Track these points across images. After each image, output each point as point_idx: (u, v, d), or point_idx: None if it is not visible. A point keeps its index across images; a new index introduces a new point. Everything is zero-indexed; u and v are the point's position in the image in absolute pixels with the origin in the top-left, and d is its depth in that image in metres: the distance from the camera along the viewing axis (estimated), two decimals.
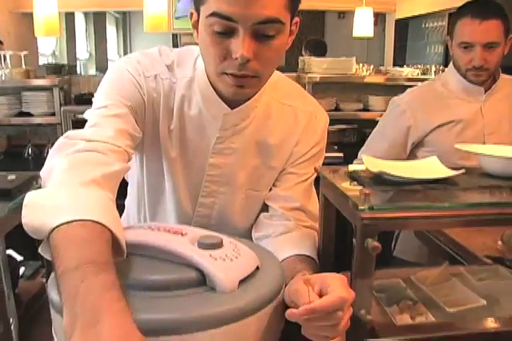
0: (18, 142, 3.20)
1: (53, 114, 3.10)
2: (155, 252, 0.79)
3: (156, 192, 1.10)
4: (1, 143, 3.14)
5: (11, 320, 0.76)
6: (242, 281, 0.77)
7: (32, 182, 0.86)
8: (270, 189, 1.10)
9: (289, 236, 1.03)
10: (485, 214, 0.78)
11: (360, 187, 0.79)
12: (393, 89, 3.10)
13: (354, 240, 0.77)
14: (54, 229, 0.68)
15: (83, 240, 0.66)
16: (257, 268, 0.82)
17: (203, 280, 0.76)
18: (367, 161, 0.92)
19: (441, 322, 0.89)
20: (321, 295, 0.71)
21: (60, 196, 0.73)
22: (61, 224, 0.68)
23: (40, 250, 0.75)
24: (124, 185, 1.15)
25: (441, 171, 0.91)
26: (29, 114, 3.12)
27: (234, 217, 1.09)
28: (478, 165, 1.00)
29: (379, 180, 0.87)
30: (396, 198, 0.79)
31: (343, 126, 3.37)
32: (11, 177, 0.88)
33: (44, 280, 1.01)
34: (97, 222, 0.69)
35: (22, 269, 1.08)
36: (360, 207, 0.74)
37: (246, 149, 1.02)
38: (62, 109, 3.08)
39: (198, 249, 0.78)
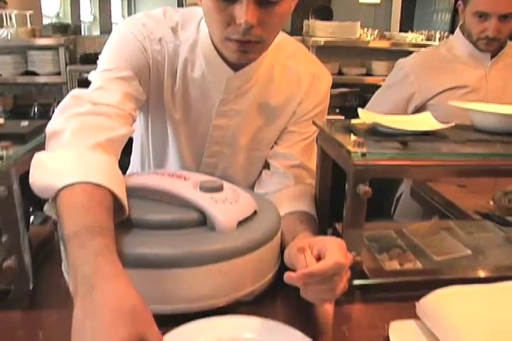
0: (24, 102, 3.22)
1: (59, 74, 3.12)
2: (159, 195, 0.85)
3: (160, 154, 1.14)
4: (7, 103, 3.16)
5: (26, 258, 0.80)
6: (240, 223, 0.82)
7: (43, 129, 0.91)
8: (272, 147, 1.13)
9: (288, 192, 1.06)
10: (471, 164, 0.83)
11: (355, 137, 0.83)
12: (397, 54, 3.07)
13: (347, 186, 0.82)
14: (59, 191, 0.72)
15: (83, 207, 0.69)
16: (255, 212, 0.87)
17: (203, 221, 0.81)
18: (362, 114, 0.96)
19: (427, 268, 0.94)
20: (319, 259, 0.73)
21: (65, 159, 0.76)
22: (65, 186, 0.72)
23: (45, 209, 0.79)
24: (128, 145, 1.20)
25: (433, 125, 0.95)
26: (35, 74, 3.14)
27: (236, 176, 1.12)
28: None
29: (373, 131, 0.92)
30: (388, 147, 0.83)
31: (346, 90, 3.38)
32: (24, 123, 0.92)
33: (53, 226, 1.06)
34: (99, 185, 0.73)
35: (31, 218, 1.13)
36: (353, 154, 0.79)
37: (249, 111, 1.04)
38: (67, 68, 3.09)
39: (200, 192, 0.83)
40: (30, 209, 1.18)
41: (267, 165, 1.14)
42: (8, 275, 0.81)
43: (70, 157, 0.77)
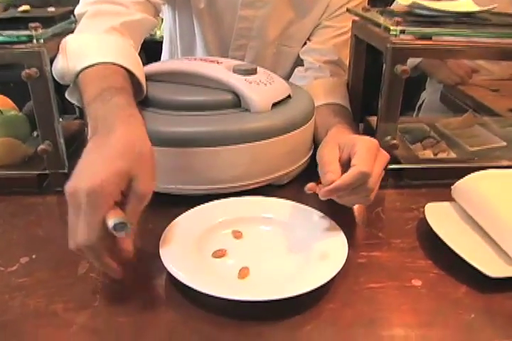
0: None
1: None
2: (191, 78, 0.84)
3: (188, 47, 1.13)
4: None
5: (60, 142, 0.82)
6: (274, 105, 0.82)
7: (70, 15, 0.90)
8: (305, 43, 1.09)
9: (323, 82, 1.03)
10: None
11: (393, 18, 0.81)
12: None
13: (384, 67, 0.81)
14: (79, 73, 0.72)
15: (104, 76, 0.70)
16: (289, 96, 0.86)
17: (237, 103, 0.81)
18: None
19: (462, 158, 0.95)
20: (349, 162, 0.69)
21: (83, 42, 0.77)
22: (85, 68, 0.72)
23: (66, 94, 0.80)
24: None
25: (474, 7, 0.92)
26: None
27: None
28: None
29: (412, 13, 0.89)
30: (426, 26, 0.81)
31: None
32: (51, 9, 0.91)
33: (83, 122, 1.07)
34: (118, 65, 0.73)
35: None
36: (391, 31, 0.77)
37: (278, 2, 1.00)
38: None
39: (234, 74, 0.82)
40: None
41: (300, 64, 1.10)
42: (43, 159, 0.82)
43: (87, 41, 0.77)
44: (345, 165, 0.68)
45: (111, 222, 0.53)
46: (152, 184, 0.59)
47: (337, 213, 0.72)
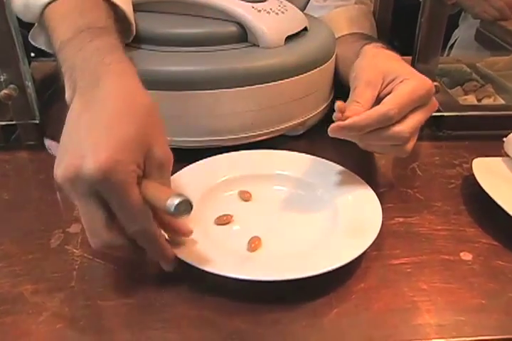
0: None
1: None
2: (188, 7, 0.75)
3: None
4: None
5: (28, 85, 0.73)
6: (288, 39, 0.73)
7: None
8: None
9: (346, 10, 0.93)
10: None
11: None
12: None
13: None
14: (45, 6, 0.61)
15: (78, 11, 0.58)
16: (305, 29, 0.77)
17: (243, 36, 0.72)
18: None
19: (511, 104, 0.86)
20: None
21: None
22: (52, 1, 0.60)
23: (30, 37, 0.70)
24: None
25: None
26: None
27: None
28: None
29: None
30: None
31: None
32: None
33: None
34: None
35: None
36: None
37: None
38: None
39: (238, 0, 0.73)
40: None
41: None
42: (10, 107, 0.74)
43: None
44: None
45: (170, 203, 0.44)
46: (169, 151, 0.49)
47: (364, 169, 0.65)
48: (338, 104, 0.56)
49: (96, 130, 0.45)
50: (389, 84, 0.61)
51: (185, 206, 0.44)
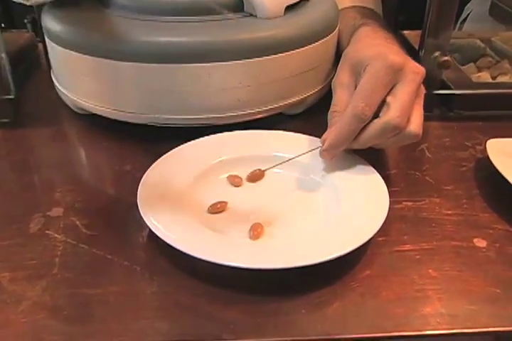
0: None
1: None
2: None
3: None
4: None
5: (1, 57, 0.73)
6: (288, 9, 0.73)
7: None
8: None
9: None
10: None
11: None
12: None
13: None
14: None
15: None
16: None
17: (239, 5, 0.72)
18: None
19: None
20: None
21: None
22: None
23: None
24: None
25: None
26: None
27: None
28: None
29: None
30: None
31: None
32: None
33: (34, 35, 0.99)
34: None
35: None
36: None
37: None
38: None
39: None
40: None
41: None
42: None
43: None
44: None
45: None
46: None
47: (368, 150, 0.64)
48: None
49: None
50: (358, 73, 0.63)
51: None
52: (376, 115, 0.60)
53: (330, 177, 0.63)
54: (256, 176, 0.63)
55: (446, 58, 0.75)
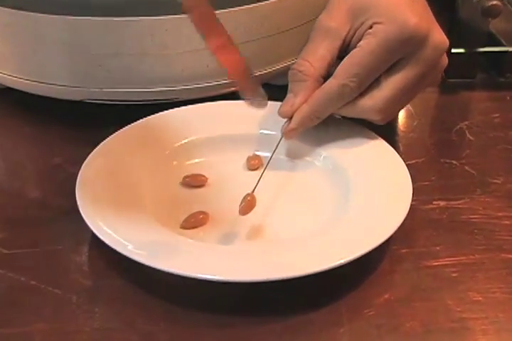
0: None
1: None
2: None
3: None
4: None
5: None
6: None
7: None
8: None
9: None
10: None
11: None
12: None
13: None
14: None
15: None
16: None
17: None
18: None
19: None
20: None
21: None
22: None
23: None
24: None
25: None
26: None
27: None
28: None
29: None
30: None
31: None
32: None
33: None
34: None
35: None
36: None
37: None
38: None
39: None
40: None
41: None
42: None
43: None
44: None
45: None
46: None
47: (387, 129, 0.67)
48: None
49: None
50: (357, 30, 0.62)
51: None
52: None
53: (334, 162, 0.64)
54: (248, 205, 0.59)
55: (494, 2, 0.76)
